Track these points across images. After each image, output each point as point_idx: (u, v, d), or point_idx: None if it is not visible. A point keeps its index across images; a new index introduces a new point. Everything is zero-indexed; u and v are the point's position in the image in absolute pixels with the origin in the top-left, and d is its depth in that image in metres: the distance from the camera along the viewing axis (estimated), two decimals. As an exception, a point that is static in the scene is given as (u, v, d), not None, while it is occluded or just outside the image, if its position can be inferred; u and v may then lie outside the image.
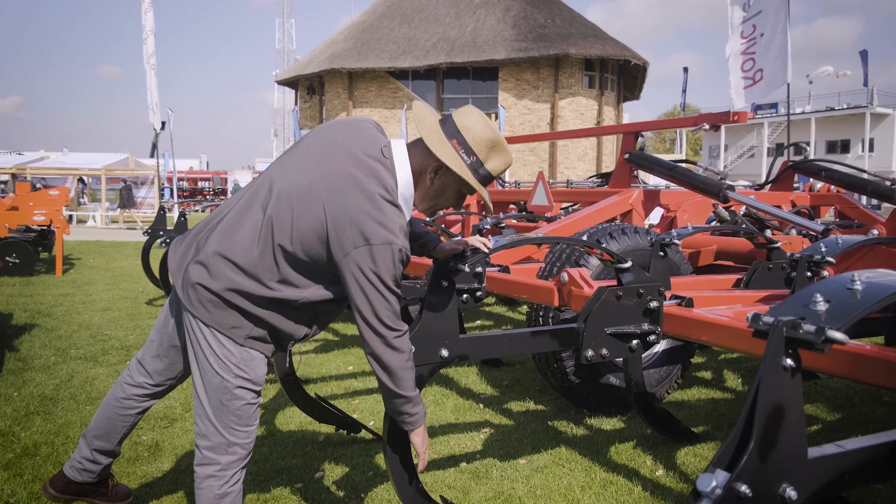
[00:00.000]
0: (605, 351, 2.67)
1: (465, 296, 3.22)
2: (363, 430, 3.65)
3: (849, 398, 4.43)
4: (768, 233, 4.01)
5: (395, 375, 2.06)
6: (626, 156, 4.93)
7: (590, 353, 2.63)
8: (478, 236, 2.60)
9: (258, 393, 2.16)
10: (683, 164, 4.72)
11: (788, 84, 12.67)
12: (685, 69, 48.23)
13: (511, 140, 7.06)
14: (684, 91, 48.41)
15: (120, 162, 28.41)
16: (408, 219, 2.13)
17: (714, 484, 1.22)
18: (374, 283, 1.96)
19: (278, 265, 2.02)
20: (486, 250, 2.47)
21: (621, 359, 3.39)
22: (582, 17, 29.74)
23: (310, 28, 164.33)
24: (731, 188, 4.23)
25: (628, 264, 2.68)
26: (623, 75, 30.30)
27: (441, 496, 2.64)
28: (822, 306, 1.33)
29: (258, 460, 3.38)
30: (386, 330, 2.01)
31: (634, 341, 2.71)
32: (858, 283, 1.38)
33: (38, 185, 14.93)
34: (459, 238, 2.57)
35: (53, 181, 24.76)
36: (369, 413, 4.11)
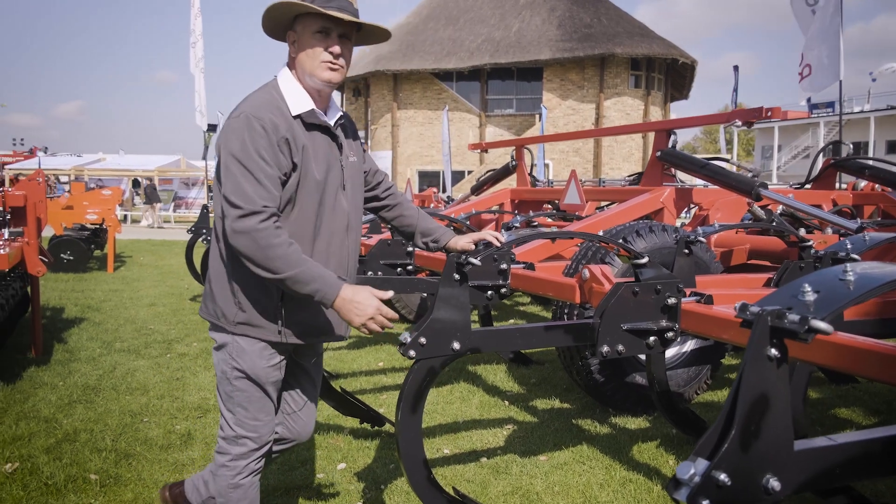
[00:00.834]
0: (620, 347, 2.64)
1: (489, 292, 3.25)
2: (387, 424, 3.70)
3: (888, 403, 4.29)
4: (802, 231, 3.91)
5: (253, 259, 1.93)
6: (658, 154, 4.87)
7: (605, 348, 2.61)
8: (490, 231, 2.62)
9: (260, 386, 2.16)
10: (716, 162, 4.64)
11: (841, 82, 12.32)
12: (735, 68, 46.99)
13: (543, 139, 7.04)
14: (735, 91, 47.18)
15: (172, 164, 29.28)
16: (313, 107, 2.10)
17: (693, 472, 1.22)
18: (224, 157, 1.98)
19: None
20: (498, 244, 2.49)
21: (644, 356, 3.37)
22: (628, 15, 29.36)
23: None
24: (764, 186, 4.15)
25: (645, 260, 2.66)
26: (671, 74, 29.78)
27: (454, 488, 2.67)
28: (810, 296, 1.32)
29: (283, 450, 3.46)
30: (229, 208, 1.93)
31: (652, 338, 2.69)
32: (851, 273, 1.35)
33: (91, 185, 15.48)
34: (473, 233, 2.59)
35: (109, 182, 25.64)
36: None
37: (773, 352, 1.27)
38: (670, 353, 4.18)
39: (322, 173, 2.11)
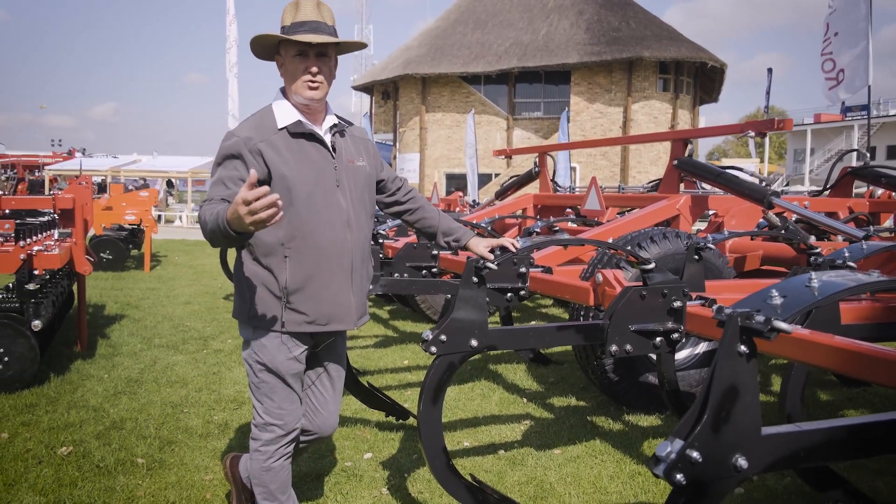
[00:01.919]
0: (628, 346, 2.83)
1: (509, 294, 3.45)
2: (411, 418, 3.92)
3: (898, 406, 4.40)
4: (812, 239, 4.04)
5: (206, 236, 2.17)
6: (675, 162, 5.03)
7: (614, 347, 2.80)
8: (508, 238, 2.82)
9: (281, 377, 2.38)
10: (731, 171, 4.79)
11: (870, 87, 12.32)
12: (769, 70, 46.42)
13: (565, 146, 7.20)
14: (768, 93, 46.62)
15: (205, 165, 29.82)
16: (296, 118, 2.36)
17: (669, 450, 1.43)
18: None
19: None
20: (514, 250, 2.69)
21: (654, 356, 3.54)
22: (657, 18, 29.27)
23: (387, 33, 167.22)
24: (776, 194, 4.29)
25: (651, 266, 2.84)
26: (700, 78, 29.64)
27: (471, 475, 2.87)
28: (777, 300, 1.50)
29: (314, 440, 3.70)
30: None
31: (658, 338, 2.87)
32: (816, 281, 1.54)
33: (129, 187, 15.98)
34: (492, 238, 2.79)
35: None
36: (419, 403, 4.38)
37: (743, 348, 1.46)
38: (683, 354, 4.35)
39: (309, 173, 2.34)
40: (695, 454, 1.41)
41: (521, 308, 8.00)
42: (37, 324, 4.49)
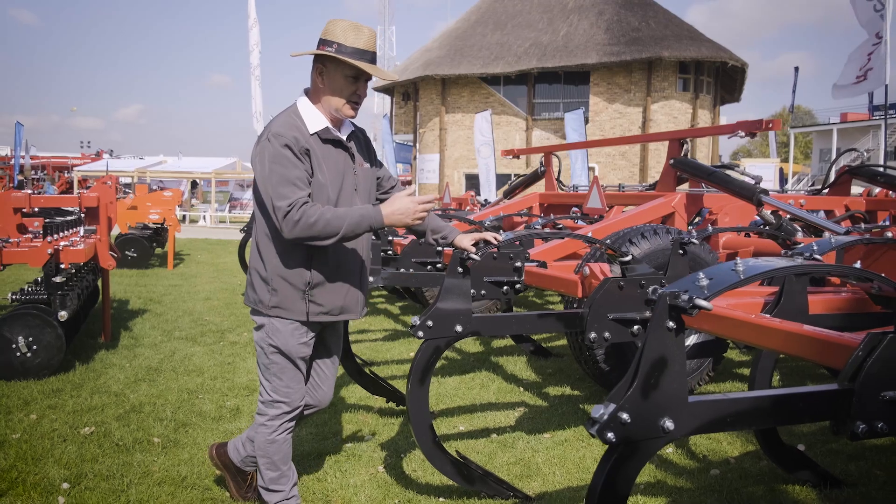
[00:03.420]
0: (607, 334, 3.01)
1: (505, 287, 3.65)
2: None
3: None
4: (799, 234, 4.18)
5: (313, 239, 2.38)
6: (671, 161, 5.18)
7: (593, 335, 2.98)
8: (490, 232, 3.01)
9: (291, 359, 2.62)
10: (727, 170, 4.93)
11: (886, 86, 12.34)
12: (796, 69, 45.92)
13: (570, 146, 7.35)
14: (794, 92, 46.08)
15: (228, 166, 30.40)
16: (325, 125, 2.53)
17: (603, 412, 1.62)
18: (260, 170, 2.41)
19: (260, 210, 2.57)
20: (496, 243, 2.89)
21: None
22: (678, 18, 29.19)
23: (408, 34, 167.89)
24: (765, 192, 4.43)
25: (629, 258, 3.03)
26: (720, 77, 29.51)
27: (456, 451, 3.07)
28: (704, 282, 1.69)
29: (318, 423, 3.93)
30: (276, 212, 2.36)
31: (636, 327, 3.05)
32: (741, 265, 1.72)
33: (153, 187, 16.41)
34: (475, 232, 2.99)
35: (169, 184, 26.86)
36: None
37: (671, 324, 1.64)
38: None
39: (336, 179, 2.55)
40: (625, 416, 1.60)
41: (527, 304, 8.17)
42: (63, 314, 4.78)
